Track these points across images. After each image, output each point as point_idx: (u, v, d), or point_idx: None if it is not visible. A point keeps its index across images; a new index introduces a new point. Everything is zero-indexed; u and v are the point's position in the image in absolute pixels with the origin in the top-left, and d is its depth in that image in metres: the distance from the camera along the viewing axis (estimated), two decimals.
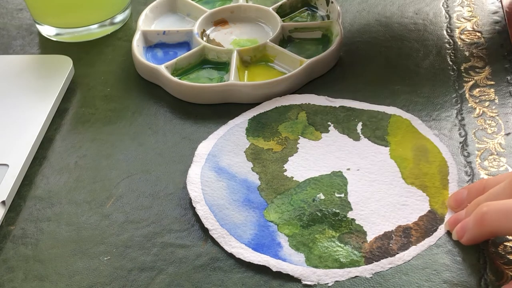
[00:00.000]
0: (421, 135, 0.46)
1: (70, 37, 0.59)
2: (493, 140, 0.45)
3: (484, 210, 0.36)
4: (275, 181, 0.44)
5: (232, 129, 0.48)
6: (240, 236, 0.40)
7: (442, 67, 0.52)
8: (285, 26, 0.56)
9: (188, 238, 0.41)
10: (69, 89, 0.54)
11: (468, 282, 0.37)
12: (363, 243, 0.40)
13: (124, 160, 0.47)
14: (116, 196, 0.44)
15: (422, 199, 0.42)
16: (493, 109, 0.47)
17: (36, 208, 0.44)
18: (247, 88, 0.50)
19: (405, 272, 0.38)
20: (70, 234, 0.42)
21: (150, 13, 0.59)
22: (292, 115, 0.49)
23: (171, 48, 0.56)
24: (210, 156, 0.46)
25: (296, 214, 0.42)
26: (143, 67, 0.54)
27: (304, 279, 0.38)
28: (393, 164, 0.44)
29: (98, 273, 0.39)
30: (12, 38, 0.61)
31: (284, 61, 0.53)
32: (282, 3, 0.58)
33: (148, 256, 0.40)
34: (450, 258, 0.38)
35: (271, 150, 0.46)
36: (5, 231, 0.43)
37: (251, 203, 0.42)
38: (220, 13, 0.58)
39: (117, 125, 0.50)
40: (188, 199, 0.43)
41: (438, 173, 0.43)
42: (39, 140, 0.49)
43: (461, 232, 0.38)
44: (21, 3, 0.65)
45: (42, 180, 0.46)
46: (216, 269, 0.39)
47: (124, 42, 0.59)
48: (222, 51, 0.54)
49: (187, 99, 0.51)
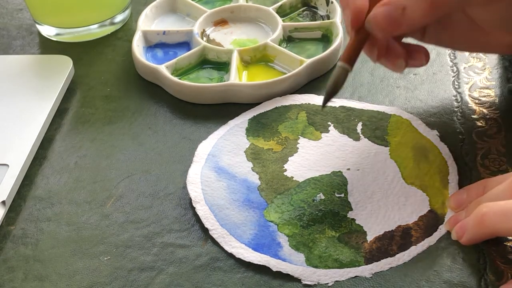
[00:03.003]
0: (421, 135, 0.46)
1: (70, 37, 0.59)
2: (493, 139, 0.45)
3: (484, 211, 0.36)
4: (275, 181, 0.44)
5: (232, 129, 0.48)
6: (240, 236, 0.40)
7: (442, 67, 0.52)
8: (285, 26, 0.56)
9: (188, 238, 0.41)
10: (69, 89, 0.54)
11: (468, 282, 0.37)
12: (363, 243, 0.40)
13: (124, 160, 0.47)
14: (116, 196, 0.44)
15: (422, 199, 0.42)
16: (493, 109, 0.47)
17: (36, 208, 0.44)
18: (247, 88, 0.50)
19: (405, 272, 0.38)
20: (70, 234, 0.42)
21: (150, 13, 0.59)
22: (292, 115, 0.49)
23: (171, 48, 0.56)
24: (210, 156, 0.46)
25: (296, 214, 0.42)
26: (143, 67, 0.54)
27: (304, 279, 0.38)
28: (393, 164, 0.44)
29: (98, 273, 0.39)
30: (12, 38, 0.61)
31: (284, 61, 0.53)
32: (282, 3, 0.58)
33: (148, 256, 0.40)
34: (450, 258, 0.38)
35: (271, 150, 0.46)
36: (5, 231, 0.43)
37: (251, 203, 0.42)
38: (220, 13, 0.58)
39: (117, 125, 0.50)
40: (188, 199, 0.43)
41: (438, 173, 0.43)
42: (39, 140, 0.49)
43: (460, 232, 0.38)
44: (21, 3, 0.65)
45: (42, 180, 0.46)
46: (216, 269, 0.39)
47: (124, 42, 0.59)
48: (222, 51, 0.54)
49: (187, 99, 0.51)
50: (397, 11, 0.39)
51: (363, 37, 0.41)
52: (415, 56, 0.43)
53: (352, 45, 0.41)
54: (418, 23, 0.40)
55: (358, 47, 0.41)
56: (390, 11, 0.39)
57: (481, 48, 0.46)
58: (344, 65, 0.41)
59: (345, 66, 0.41)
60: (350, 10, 0.41)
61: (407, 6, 0.39)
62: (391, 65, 0.43)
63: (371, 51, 0.42)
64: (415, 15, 0.39)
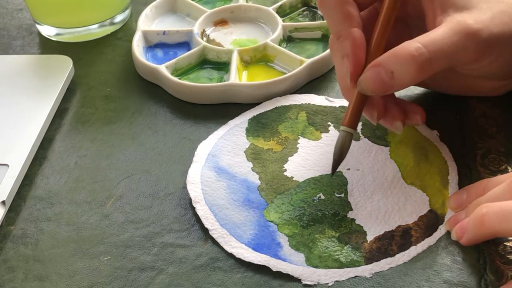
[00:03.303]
0: (421, 135, 0.46)
1: (70, 37, 0.60)
2: (494, 139, 0.45)
3: (484, 211, 0.36)
4: (275, 181, 0.44)
5: (232, 129, 0.48)
6: (240, 236, 0.40)
7: None
8: (285, 26, 0.56)
9: (188, 238, 0.41)
10: (69, 89, 0.54)
11: (468, 282, 0.37)
12: (363, 243, 0.40)
13: (124, 160, 0.47)
14: (116, 196, 0.44)
15: (422, 199, 0.42)
16: (493, 109, 0.47)
17: (36, 208, 0.44)
18: (247, 88, 0.50)
19: (405, 272, 0.38)
20: (70, 234, 0.42)
21: (150, 13, 0.59)
22: (292, 115, 0.49)
23: (171, 48, 0.56)
24: (210, 156, 0.46)
25: (296, 214, 0.42)
26: (143, 67, 0.54)
27: (304, 279, 0.38)
28: (393, 164, 0.44)
29: (98, 273, 0.40)
30: (12, 38, 0.61)
31: (284, 61, 0.53)
32: (282, 3, 0.58)
33: (148, 256, 0.40)
34: (450, 258, 0.38)
35: (271, 150, 0.46)
36: (5, 231, 0.43)
37: (251, 203, 0.42)
38: (220, 13, 0.58)
39: (117, 125, 0.50)
40: (188, 199, 0.43)
41: (438, 173, 0.43)
42: (39, 140, 0.49)
43: (460, 232, 0.38)
44: (21, 3, 0.65)
45: (42, 180, 0.46)
46: (216, 269, 0.39)
47: (124, 42, 0.59)
48: (222, 51, 0.54)
49: (187, 99, 0.51)
50: (386, 75, 0.39)
51: (363, 98, 0.41)
52: (411, 117, 0.44)
53: (353, 108, 0.42)
54: (408, 85, 0.41)
55: (359, 108, 0.42)
56: (379, 75, 0.40)
57: (464, 92, 0.47)
58: (348, 129, 0.41)
59: (349, 130, 0.41)
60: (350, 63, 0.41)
61: (394, 71, 0.39)
62: (390, 126, 0.43)
63: (370, 114, 0.43)
64: (404, 78, 0.40)
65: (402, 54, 0.39)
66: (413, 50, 0.39)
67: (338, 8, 0.42)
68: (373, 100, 0.42)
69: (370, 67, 0.40)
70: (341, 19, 0.42)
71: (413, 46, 0.39)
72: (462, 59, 0.40)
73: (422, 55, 0.39)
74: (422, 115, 0.44)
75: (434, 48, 0.39)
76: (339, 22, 0.42)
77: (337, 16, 0.42)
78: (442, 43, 0.39)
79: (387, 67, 0.39)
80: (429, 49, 0.39)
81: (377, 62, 0.40)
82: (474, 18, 0.40)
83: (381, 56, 0.40)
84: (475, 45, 0.40)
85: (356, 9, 0.42)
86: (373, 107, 0.42)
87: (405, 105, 0.44)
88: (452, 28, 0.39)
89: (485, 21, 0.40)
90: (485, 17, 0.40)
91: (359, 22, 0.42)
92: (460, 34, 0.39)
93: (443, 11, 0.41)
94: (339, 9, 0.42)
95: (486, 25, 0.40)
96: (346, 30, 0.42)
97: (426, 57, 0.39)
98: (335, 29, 0.42)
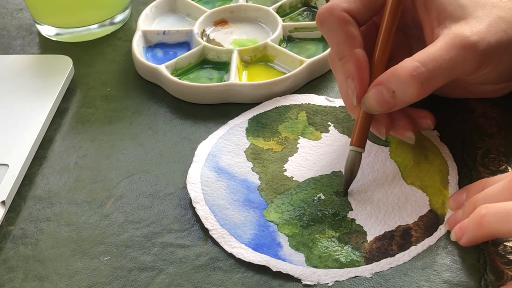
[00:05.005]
0: (421, 135, 0.46)
1: (70, 37, 0.60)
2: (494, 139, 0.45)
3: (483, 213, 0.36)
4: (275, 181, 0.44)
5: (232, 129, 0.48)
6: (240, 236, 0.40)
7: None
8: (285, 26, 0.56)
9: (188, 238, 0.41)
10: (69, 89, 0.54)
11: (468, 282, 0.37)
12: (363, 243, 0.40)
13: (124, 160, 0.47)
14: (116, 196, 0.44)
15: (422, 199, 0.42)
16: (493, 109, 0.47)
17: (36, 208, 0.44)
18: (247, 88, 0.50)
19: (405, 272, 0.38)
20: (70, 234, 0.42)
21: (150, 13, 0.59)
22: (292, 115, 0.49)
23: (171, 48, 0.56)
24: (210, 156, 0.46)
25: (296, 214, 0.42)
26: (143, 67, 0.54)
27: (304, 279, 0.38)
28: (393, 164, 0.44)
29: (98, 273, 0.40)
30: (12, 38, 0.61)
31: (284, 61, 0.53)
32: (282, 3, 0.58)
33: (148, 256, 0.40)
34: (450, 258, 0.38)
35: (271, 150, 0.46)
36: (5, 231, 0.43)
37: (251, 203, 0.42)
38: (220, 13, 0.58)
39: (117, 125, 0.50)
40: (188, 199, 0.43)
41: (438, 173, 0.43)
42: (39, 140, 0.49)
43: (459, 233, 0.38)
44: (21, 3, 0.65)
45: (42, 180, 0.46)
46: (216, 269, 0.39)
47: (124, 42, 0.59)
48: (222, 51, 0.54)
49: (187, 99, 0.51)
50: (388, 94, 0.39)
51: (368, 116, 0.42)
52: (421, 122, 0.43)
53: (359, 127, 0.42)
54: (412, 102, 0.40)
55: (366, 126, 0.42)
56: (381, 95, 0.40)
57: (464, 95, 0.47)
58: (357, 149, 0.42)
59: (358, 150, 0.42)
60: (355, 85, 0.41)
61: (396, 91, 0.39)
62: (402, 137, 0.43)
63: (378, 130, 0.43)
64: (406, 97, 0.39)
65: (402, 74, 0.39)
66: (411, 70, 0.38)
67: (340, 29, 0.42)
68: (379, 115, 0.42)
69: (373, 86, 0.40)
70: (343, 40, 0.42)
71: (411, 66, 0.39)
72: (461, 72, 0.40)
73: (421, 74, 0.38)
74: (432, 119, 0.43)
75: (432, 65, 0.39)
76: (341, 43, 0.42)
77: (339, 37, 0.42)
78: (440, 60, 0.39)
79: (388, 87, 0.39)
80: (427, 67, 0.39)
81: (378, 81, 0.40)
82: (470, 30, 0.40)
83: (382, 75, 0.40)
84: (473, 57, 0.40)
85: (357, 29, 0.42)
86: (380, 123, 0.42)
87: (411, 112, 0.44)
88: (449, 43, 0.39)
89: (482, 31, 0.40)
90: (482, 27, 0.40)
91: (361, 42, 0.42)
92: (458, 48, 0.39)
93: (440, 23, 0.41)
94: (341, 29, 0.42)
95: (483, 36, 0.40)
96: (349, 51, 0.41)
97: (425, 76, 0.39)
98: (337, 49, 0.42)
